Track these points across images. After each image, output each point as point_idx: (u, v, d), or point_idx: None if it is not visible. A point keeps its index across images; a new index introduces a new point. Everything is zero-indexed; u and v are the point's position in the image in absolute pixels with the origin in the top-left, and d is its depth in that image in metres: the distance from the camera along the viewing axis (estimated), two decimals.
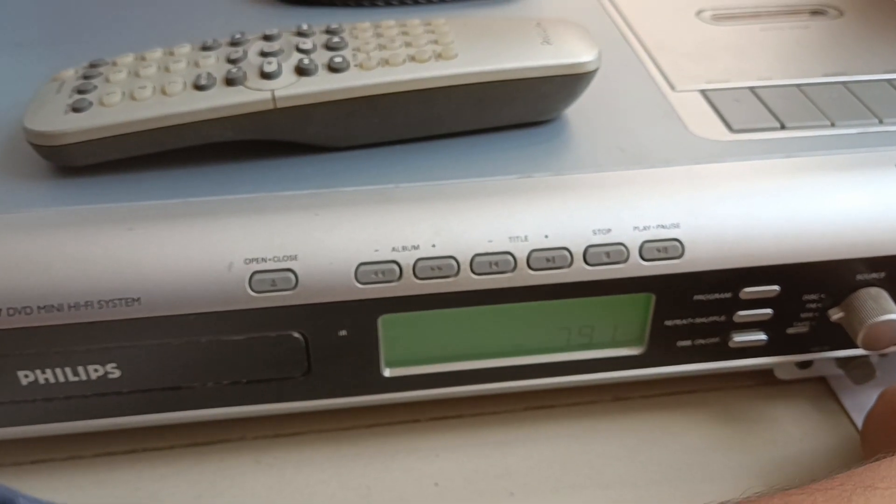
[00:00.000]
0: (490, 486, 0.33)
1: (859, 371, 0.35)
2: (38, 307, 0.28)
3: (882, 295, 0.32)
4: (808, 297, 0.32)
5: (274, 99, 0.30)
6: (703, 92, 0.36)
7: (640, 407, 0.36)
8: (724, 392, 0.37)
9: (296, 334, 0.30)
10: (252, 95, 0.30)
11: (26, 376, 0.30)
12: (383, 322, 0.31)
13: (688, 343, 0.33)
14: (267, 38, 0.33)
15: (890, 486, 0.25)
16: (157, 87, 0.31)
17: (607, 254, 0.30)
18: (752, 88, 0.36)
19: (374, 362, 0.32)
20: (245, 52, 0.32)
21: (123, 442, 0.34)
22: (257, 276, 0.29)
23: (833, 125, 0.34)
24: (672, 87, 0.37)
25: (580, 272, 0.30)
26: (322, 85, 0.31)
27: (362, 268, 0.29)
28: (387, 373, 0.32)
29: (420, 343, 0.32)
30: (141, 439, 0.34)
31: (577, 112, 0.35)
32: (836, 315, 0.32)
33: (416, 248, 0.29)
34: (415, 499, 0.33)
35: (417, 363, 0.32)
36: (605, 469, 0.34)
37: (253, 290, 0.29)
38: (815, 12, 0.44)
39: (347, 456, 0.34)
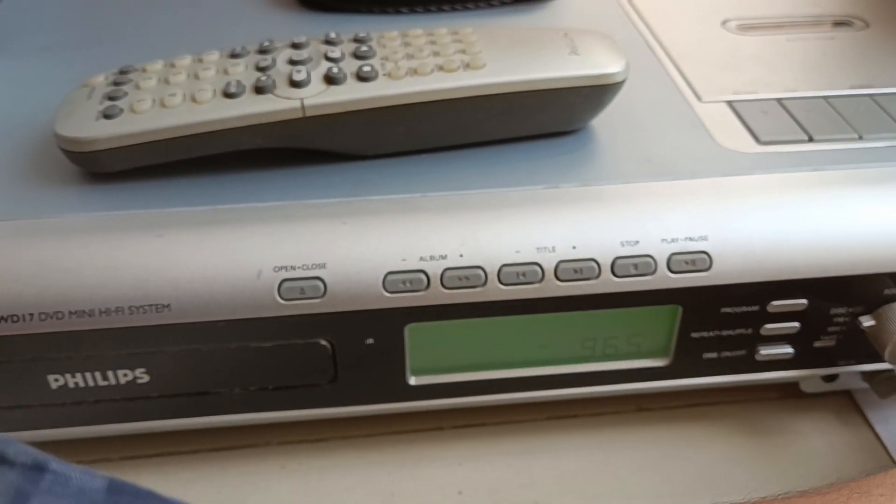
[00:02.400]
0: (514, 495, 0.33)
1: (885, 385, 0.34)
2: (70, 312, 0.28)
3: None
4: (836, 311, 0.32)
5: (303, 107, 0.31)
6: (730, 103, 0.36)
7: (663, 418, 0.36)
8: (747, 404, 0.37)
9: (323, 342, 0.30)
10: (281, 104, 0.31)
11: (56, 380, 0.30)
12: (410, 331, 0.31)
13: (714, 355, 0.33)
14: (295, 46, 0.33)
15: (884, 493, 0.25)
16: (187, 94, 0.31)
17: (635, 265, 0.30)
18: (779, 100, 0.36)
19: (400, 370, 0.32)
20: (274, 60, 0.32)
21: (150, 446, 0.35)
22: (286, 284, 0.29)
23: (861, 138, 0.34)
24: (699, 98, 0.37)
25: (608, 284, 0.30)
26: (351, 94, 0.31)
27: (390, 277, 0.29)
28: (412, 381, 0.32)
29: (446, 352, 0.32)
30: (167, 443, 0.35)
31: (604, 122, 0.35)
32: (868, 323, 0.32)
33: (443, 257, 0.29)
34: None
35: (443, 372, 0.32)
36: (629, 480, 0.34)
37: (282, 297, 0.29)
38: (841, 23, 0.44)
39: (372, 463, 0.34)
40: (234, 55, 0.33)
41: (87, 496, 0.19)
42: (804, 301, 0.31)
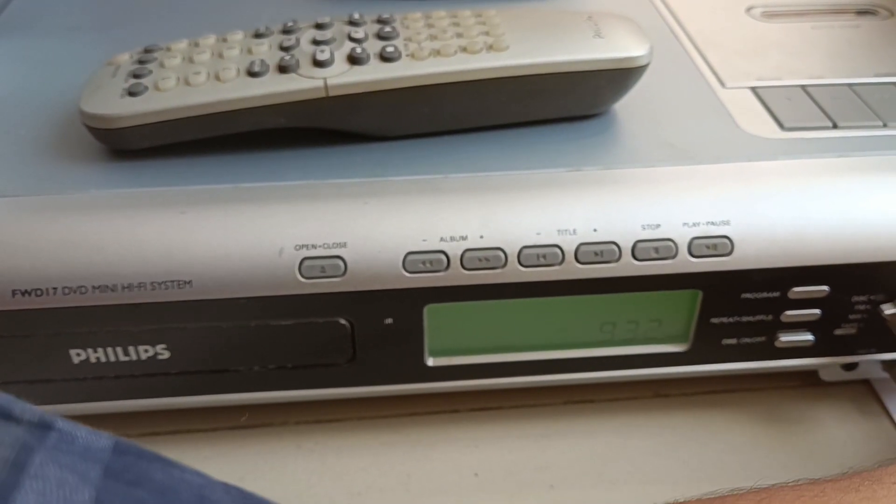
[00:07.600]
0: (530, 477, 0.33)
1: None
2: (93, 287, 0.29)
3: None
4: (858, 299, 0.32)
5: (326, 87, 0.31)
6: (753, 89, 0.36)
7: (680, 404, 0.36)
8: (765, 392, 0.37)
9: (342, 321, 0.31)
10: (305, 83, 0.31)
11: (78, 354, 0.30)
12: (429, 311, 0.31)
13: (733, 341, 0.33)
14: (319, 26, 0.33)
15: None
16: (212, 73, 0.31)
17: (656, 249, 0.30)
18: (803, 87, 0.36)
19: (419, 351, 0.32)
20: (297, 40, 0.32)
21: (168, 422, 0.35)
22: (307, 263, 0.29)
23: (885, 126, 0.34)
24: (722, 84, 0.37)
25: (628, 267, 0.30)
26: (374, 74, 0.31)
27: (410, 257, 0.29)
28: (430, 362, 0.32)
29: (464, 333, 0.32)
30: (185, 420, 0.35)
31: (626, 106, 0.35)
32: (889, 311, 0.31)
33: (464, 238, 0.29)
34: (454, 488, 0.33)
35: (461, 353, 0.33)
36: (646, 465, 0.34)
37: (302, 275, 0.29)
38: (865, 12, 0.44)
39: (388, 444, 0.34)
40: (257, 35, 0.33)
41: (93, 455, 0.19)
42: (826, 288, 0.31)
